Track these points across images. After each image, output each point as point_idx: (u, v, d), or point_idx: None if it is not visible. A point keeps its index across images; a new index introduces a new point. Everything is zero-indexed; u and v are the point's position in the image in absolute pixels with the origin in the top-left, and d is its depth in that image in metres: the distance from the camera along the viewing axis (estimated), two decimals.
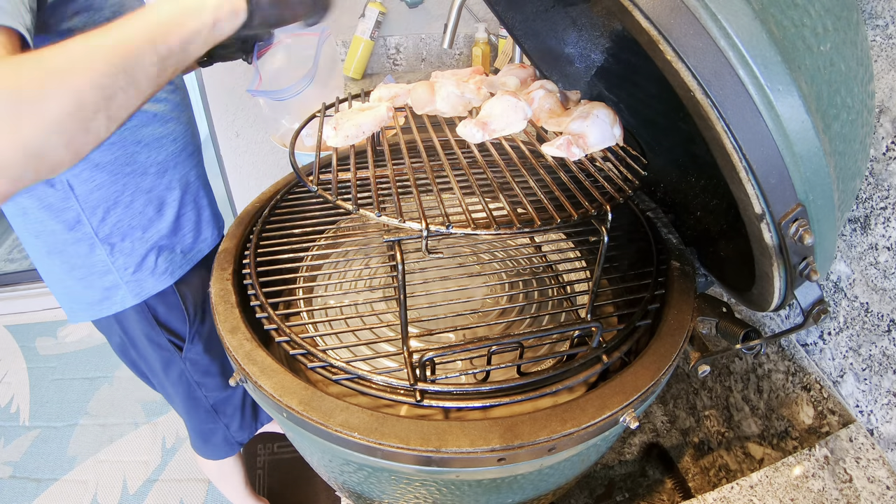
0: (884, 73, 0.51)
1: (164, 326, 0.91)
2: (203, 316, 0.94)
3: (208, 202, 0.94)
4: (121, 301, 0.84)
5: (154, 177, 0.81)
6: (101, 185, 0.76)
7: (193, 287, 0.92)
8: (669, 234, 0.69)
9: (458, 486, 0.52)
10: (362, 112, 0.61)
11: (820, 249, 0.43)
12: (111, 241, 0.80)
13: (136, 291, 0.84)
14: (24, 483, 1.62)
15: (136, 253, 0.82)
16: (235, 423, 1.09)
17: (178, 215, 0.86)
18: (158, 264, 0.85)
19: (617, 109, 0.60)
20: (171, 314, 0.90)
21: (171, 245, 0.86)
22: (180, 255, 0.88)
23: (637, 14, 0.36)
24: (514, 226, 0.44)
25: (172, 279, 0.87)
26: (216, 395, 1.03)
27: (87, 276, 0.81)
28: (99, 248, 0.79)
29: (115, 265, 0.81)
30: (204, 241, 0.93)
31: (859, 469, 0.57)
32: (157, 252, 0.84)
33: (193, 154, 0.89)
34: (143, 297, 0.85)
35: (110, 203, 0.78)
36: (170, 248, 0.86)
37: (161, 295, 0.88)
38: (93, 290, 0.83)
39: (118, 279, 0.82)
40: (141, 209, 0.81)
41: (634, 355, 0.54)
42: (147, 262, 0.83)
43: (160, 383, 1.01)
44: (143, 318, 0.88)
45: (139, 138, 0.78)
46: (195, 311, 0.93)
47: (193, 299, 0.92)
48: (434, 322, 0.62)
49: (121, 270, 0.82)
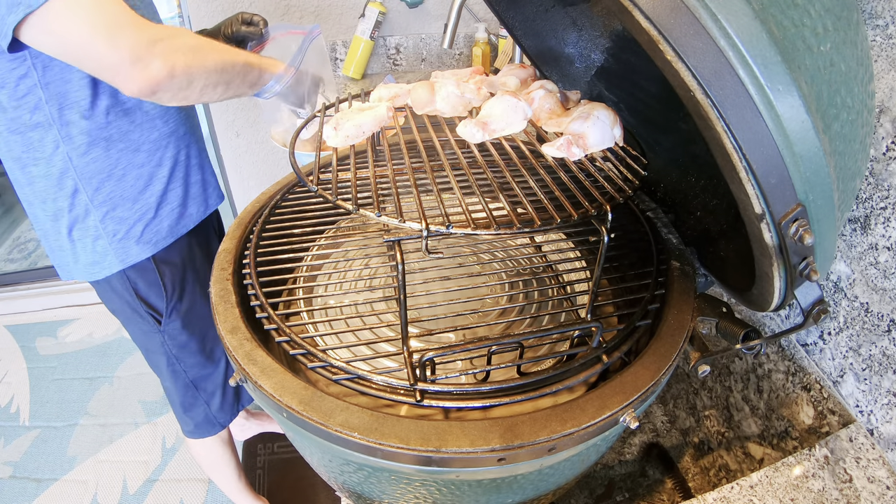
0: (884, 73, 0.51)
1: (142, 300, 0.99)
2: (181, 294, 1.02)
3: (198, 180, 1.00)
4: (108, 266, 0.93)
5: (145, 154, 0.89)
6: (97, 159, 0.84)
7: (172, 265, 0.99)
8: (669, 234, 0.69)
9: (458, 486, 0.52)
10: (362, 112, 0.61)
11: (820, 249, 0.43)
12: (103, 209, 0.88)
13: (121, 258, 0.92)
14: (24, 483, 1.62)
15: (125, 221, 0.90)
16: (216, 402, 1.15)
17: (166, 190, 0.94)
18: (144, 234, 0.93)
19: (617, 109, 0.60)
20: (150, 290, 0.98)
21: (157, 217, 0.94)
22: (166, 228, 0.95)
23: (637, 14, 0.36)
24: (514, 226, 0.44)
25: (155, 249, 0.95)
26: (195, 372, 1.09)
27: (82, 237, 0.90)
28: (93, 214, 0.88)
29: (106, 231, 0.90)
30: (189, 217, 0.99)
31: (859, 469, 0.57)
32: (144, 223, 0.92)
33: (185, 135, 0.95)
34: (128, 263, 0.93)
35: (104, 175, 0.86)
36: (156, 219, 0.93)
37: (142, 270, 0.95)
38: (86, 253, 0.91)
39: (107, 245, 0.91)
40: (132, 182, 0.89)
41: (634, 355, 0.54)
42: (133, 230, 0.91)
43: (144, 352, 1.09)
44: (126, 288, 0.96)
45: (133, 118, 0.86)
46: (173, 289, 1.00)
47: (171, 277, 0.99)
48: (434, 322, 0.62)
49: (110, 236, 0.90)
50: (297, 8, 1.61)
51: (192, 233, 1.00)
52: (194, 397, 1.12)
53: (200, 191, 1.00)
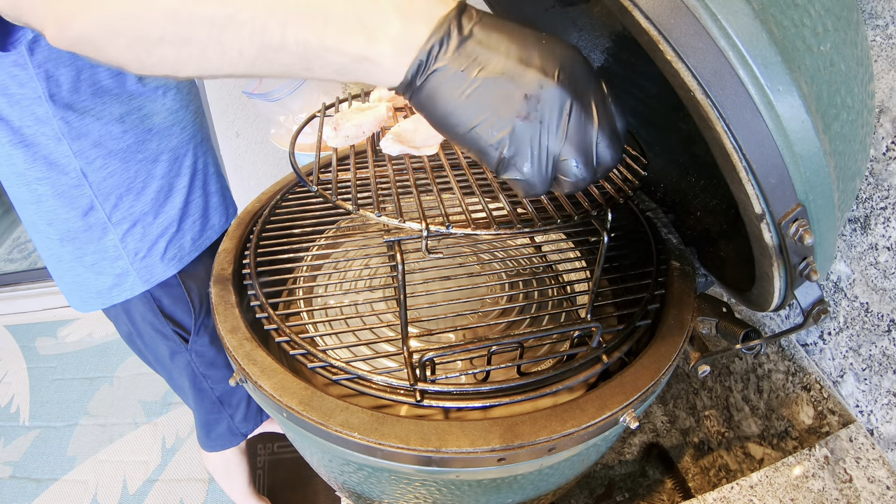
0: (884, 73, 0.51)
1: (169, 318, 0.92)
2: (209, 308, 0.94)
3: (217, 189, 0.96)
4: (130, 288, 0.86)
5: (165, 164, 0.83)
6: (114, 173, 0.78)
7: (198, 279, 0.93)
8: (669, 234, 0.69)
9: (458, 486, 0.52)
10: (362, 112, 0.61)
11: (820, 249, 0.43)
12: (123, 227, 0.82)
13: (145, 277, 0.86)
14: (24, 483, 1.62)
15: (146, 238, 0.84)
16: (240, 414, 1.11)
17: (187, 202, 0.88)
18: (168, 250, 0.87)
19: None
20: (176, 306, 0.92)
21: (181, 231, 0.88)
22: (189, 242, 0.90)
23: (637, 14, 0.36)
24: (515, 226, 0.44)
25: (181, 265, 0.89)
26: (222, 387, 1.04)
27: (99, 261, 0.83)
28: (111, 233, 0.81)
29: (126, 250, 0.83)
30: (212, 228, 0.94)
31: (859, 469, 0.57)
32: (167, 238, 0.86)
33: (202, 142, 0.91)
34: (152, 283, 0.87)
35: (123, 189, 0.80)
36: (179, 234, 0.88)
37: (166, 287, 0.89)
38: (103, 277, 0.84)
39: (128, 265, 0.84)
40: (153, 196, 0.83)
41: (634, 355, 0.54)
42: (157, 247, 0.85)
43: (167, 374, 1.03)
44: (149, 308, 0.90)
45: (150, 126, 0.80)
46: (200, 304, 0.95)
47: (199, 291, 0.94)
48: (434, 322, 0.62)
49: (131, 256, 0.84)
50: None
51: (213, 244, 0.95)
52: (219, 412, 1.08)
53: (220, 200, 0.96)
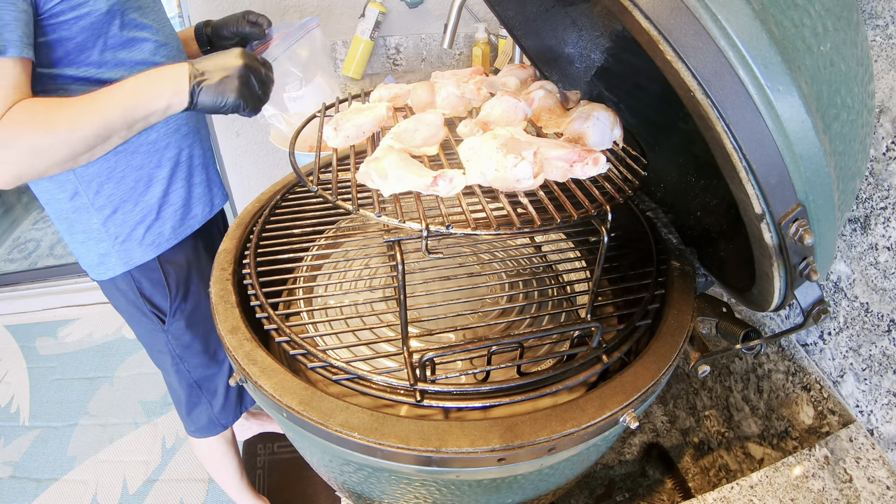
0: (884, 73, 0.51)
1: (147, 299, 0.98)
2: (185, 294, 1.01)
3: (202, 181, 0.99)
4: (112, 268, 0.93)
5: (144, 155, 0.88)
6: (95, 162, 0.83)
7: (177, 265, 0.98)
8: (669, 234, 0.69)
9: (458, 486, 0.52)
10: (362, 112, 0.61)
11: (820, 249, 0.43)
12: (105, 212, 0.88)
13: (125, 260, 0.92)
14: (24, 483, 1.62)
15: (126, 224, 0.90)
16: (218, 403, 1.15)
17: (167, 192, 0.93)
18: (146, 237, 0.92)
19: (617, 109, 0.60)
20: (154, 289, 0.98)
21: (160, 219, 0.93)
22: (169, 230, 0.94)
23: (637, 14, 0.36)
24: (514, 226, 0.44)
25: (158, 251, 0.94)
26: (199, 372, 1.09)
27: (87, 240, 0.90)
28: (95, 217, 0.88)
29: (108, 233, 0.89)
30: (194, 218, 0.98)
31: (859, 469, 0.57)
32: (146, 225, 0.91)
33: (187, 135, 0.94)
34: (131, 265, 0.93)
35: (103, 178, 0.85)
36: (158, 221, 0.93)
37: (146, 269, 0.95)
38: (91, 255, 0.92)
39: (110, 247, 0.91)
40: (132, 184, 0.88)
41: (634, 355, 0.54)
42: (136, 233, 0.91)
43: (149, 351, 1.08)
44: (130, 288, 0.96)
45: None
46: (177, 289, 1.00)
47: (176, 277, 0.99)
48: (434, 322, 0.62)
49: (112, 239, 0.90)
50: (297, 8, 1.61)
51: (197, 233, 0.99)
52: (198, 397, 1.12)
53: (205, 191, 1.00)
